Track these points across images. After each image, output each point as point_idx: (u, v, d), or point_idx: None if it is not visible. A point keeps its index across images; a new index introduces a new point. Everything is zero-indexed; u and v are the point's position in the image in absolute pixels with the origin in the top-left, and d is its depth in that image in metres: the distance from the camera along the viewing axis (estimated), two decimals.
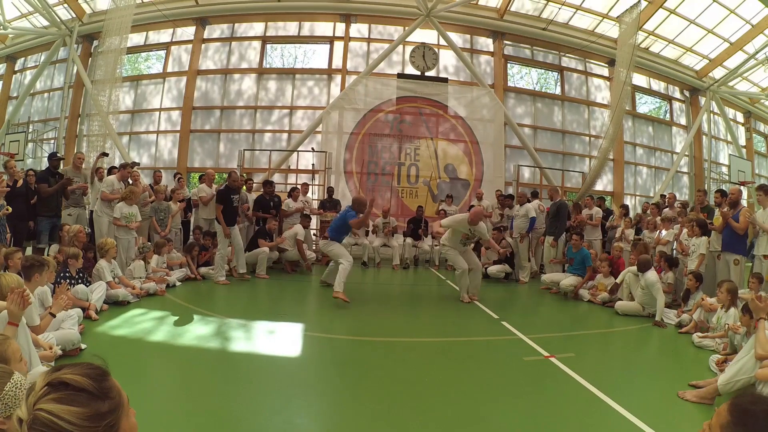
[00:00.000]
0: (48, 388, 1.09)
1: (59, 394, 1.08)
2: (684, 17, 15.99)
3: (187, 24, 16.07)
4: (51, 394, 1.08)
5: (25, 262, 4.48)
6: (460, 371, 4.69)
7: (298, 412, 3.60)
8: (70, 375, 1.12)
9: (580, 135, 17.06)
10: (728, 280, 6.22)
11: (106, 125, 13.35)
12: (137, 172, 9.69)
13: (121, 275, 6.94)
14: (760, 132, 21.37)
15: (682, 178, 18.59)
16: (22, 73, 17.88)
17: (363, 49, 16.24)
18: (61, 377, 1.11)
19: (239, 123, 15.91)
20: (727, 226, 7.54)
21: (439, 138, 15.16)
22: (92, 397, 1.11)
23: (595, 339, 6.39)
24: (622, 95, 13.94)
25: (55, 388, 1.09)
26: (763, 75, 17.73)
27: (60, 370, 1.13)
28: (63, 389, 1.09)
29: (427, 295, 8.30)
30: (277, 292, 8.59)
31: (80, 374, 1.13)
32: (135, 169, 9.74)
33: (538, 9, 16.28)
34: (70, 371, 1.13)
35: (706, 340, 5.68)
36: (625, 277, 7.74)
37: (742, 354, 3.97)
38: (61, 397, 1.08)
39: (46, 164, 9.40)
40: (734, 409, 1.40)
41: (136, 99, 16.38)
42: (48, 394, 1.08)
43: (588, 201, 11.37)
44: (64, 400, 1.08)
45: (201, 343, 5.11)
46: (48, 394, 1.08)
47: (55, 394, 1.08)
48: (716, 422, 1.42)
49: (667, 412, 3.76)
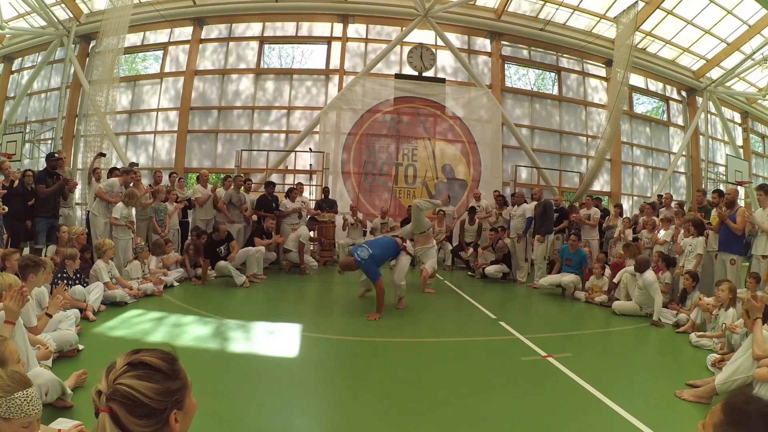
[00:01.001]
0: (128, 366, 1.27)
1: (138, 371, 1.26)
2: (681, 18, 16.02)
3: (185, 24, 16.04)
4: (131, 372, 1.26)
5: (20, 261, 4.47)
6: (457, 371, 4.69)
7: (297, 412, 3.60)
8: (149, 357, 1.30)
9: (578, 135, 17.08)
10: (728, 280, 6.23)
11: (103, 125, 13.33)
12: (139, 174, 9.68)
13: (118, 276, 6.94)
14: (757, 132, 21.43)
15: (680, 179, 18.62)
16: (20, 73, 17.82)
17: (361, 50, 16.24)
18: (141, 358, 1.29)
19: (237, 123, 15.89)
20: (723, 225, 7.56)
21: (436, 138, 15.17)
22: (166, 377, 1.29)
23: (592, 339, 6.40)
24: (620, 96, 13.97)
25: (134, 367, 1.27)
26: (761, 75, 17.76)
27: (139, 353, 1.31)
28: (142, 368, 1.27)
29: (424, 296, 8.30)
30: (275, 292, 8.58)
31: (157, 357, 1.31)
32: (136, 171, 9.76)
33: (536, 10, 16.30)
34: (148, 354, 1.31)
35: (704, 340, 5.69)
36: (623, 276, 7.76)
37: (740, 353, 3.99)
38: (140, 374, 1.26)
39: (43, 165, 9.37)
40: (728, 409, 1.41)
41: (133, 99, 16.35)
42: (128, 371, 1.26)
43: (588, 201, 11.40)
44: (143, 377, 1.26)
45: (199, 343, 5.11)
46: (128, 371, 1.26)
47: (135, 371, 1.26)
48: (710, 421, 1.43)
49: (665, 411, 3.77)
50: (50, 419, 2.87)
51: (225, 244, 9.00)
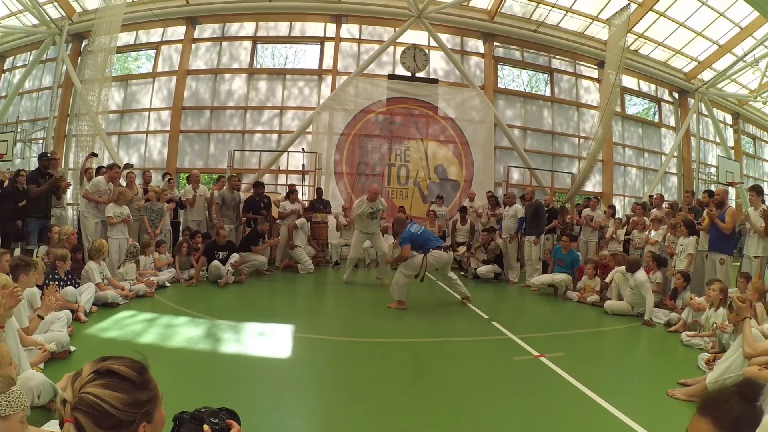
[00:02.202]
0: (95, 374, 1.23)
1: (105, 380, 1.22)
2: (673, 20, 16.12)
3: (178, 23, 15.97)
4: (97, 380, 1.22)
5: (11, 262, 4.45)
6: (450, 371, 4.70)
7: (290, 412, 3.60)
8: (117, 365, 1.26)
9: (570, 136, 17.15)
10: (719, 280, 6.27)
11: (95, 125, 13.23)
12: (133, 174, 9.60)
13: (109, 276, 6.89)
14: (748, 133, 21.58)
15: (671, 179, 18.74)
16: (11, 72, 17.67)
17: (354, 50, 16.23)
18: (109, 366, 1.25)
19: (229, 123, 15.83)
20: (713, 226, 7.62)
21: (429, 139, 15.18)
22: (134, 387, 1.25)
23: (584, 338, 6.43)
24: (612, 97, 14.03)
25: (101, 375, 1.23)
26: (752, 77, 17.90)
27: (106, 360, 1.27)
28: (109, 377, 1.23)
29: (417, 295, 8.30)
30: (267, 293, 8.57)
31: (125, 365, 1.27)
32: (130, 171, 9.68)
33: (529, 11, 16.35)
34: (116, 362, 1.27)
35: (695, 339, 5.73)
36: (614, 276, 7.80)
37: (731, 352, 4.03)
38: (107, 383, 1.22)
39: (35, 164, 9.29)
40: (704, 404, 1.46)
41: (125, 98, 16.24)
42: (94, 380, 1.22)
43: (593, 202, 11.38)
44: (109, 386, 1.22)
45: (191, 344, 5.10)
46: (94, 380, 1.22)
47: (101, 380, 1.22)
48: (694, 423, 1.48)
49: (656, 410, 3.79)
50: (42, 422, 2.84)
51: (226, 252, 8.95)
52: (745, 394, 1.45)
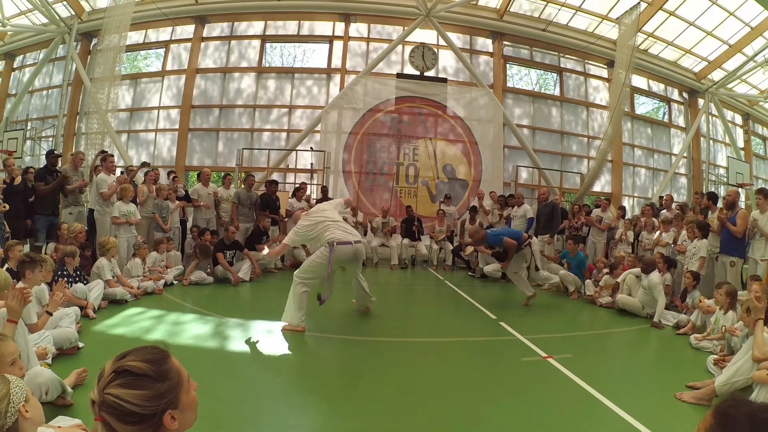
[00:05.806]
0: (114, 375, 1.27)
1: (123, 379, 1.26)
2: (683, 19, 16.00)
3: (187, 22, 16.06)
4: (117, 380, 1.26)
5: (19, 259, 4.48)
6: (457, 372, 4.69)
7: (293, 411, 3.60)
8: (132, 362, 1.29)
9: (579, 136, 17.07)
10: (727, 283, 6.21)
11: (104, 123, 13.31)
12: (157, 172, 9.76)
13: (119, 274, 6.92)
14: (758, 134, 21.39)
15: (681, 180, 18.61)
16: (21, 70, 17.84)
17: (362, 49, 16.24)
18: (124, 365, 1.28)
19: (238, 122, 15.90)
20: (724, 228, 7.56)
21: (437, 138, 15.17)
22: (152, 381, 1.28)
23: (592, 340, 6.38)
24: (621, 96, 13.94)
25: (119, 375, 1.27)
26: (762, 77, 17.75)
27: (125, 357, 1.30)
28: (126, 376, 1.26)
29: (424, 295, 8.29)
30: (275, 291, 8.57)
31: (142, 360, 1.30)
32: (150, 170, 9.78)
33: (538, 10, 16.29)
34: (132, 358, 1.30)
35: (704, 342, 5.69)
36: (626, 278, 7.76)
37: (740, 355, 3.99)
38: (126, 382, 1.26)
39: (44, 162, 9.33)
40: (716, 413, 1.44)
41: (135, 97, 16.37)
42: (114, 380, 1.26)
43: (605, 203, 11.30)
44: (128, 385, 1.25)
45: (198, 342, 5.11)
46: (114, 380, 1.26)
47: (120, 380, 1.26)
48: (702, 427, 1.46)
49: (665, 413, 3.76)
50: (50, 417, 2.85)
51: (233, 251, 8.99)
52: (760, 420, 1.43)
